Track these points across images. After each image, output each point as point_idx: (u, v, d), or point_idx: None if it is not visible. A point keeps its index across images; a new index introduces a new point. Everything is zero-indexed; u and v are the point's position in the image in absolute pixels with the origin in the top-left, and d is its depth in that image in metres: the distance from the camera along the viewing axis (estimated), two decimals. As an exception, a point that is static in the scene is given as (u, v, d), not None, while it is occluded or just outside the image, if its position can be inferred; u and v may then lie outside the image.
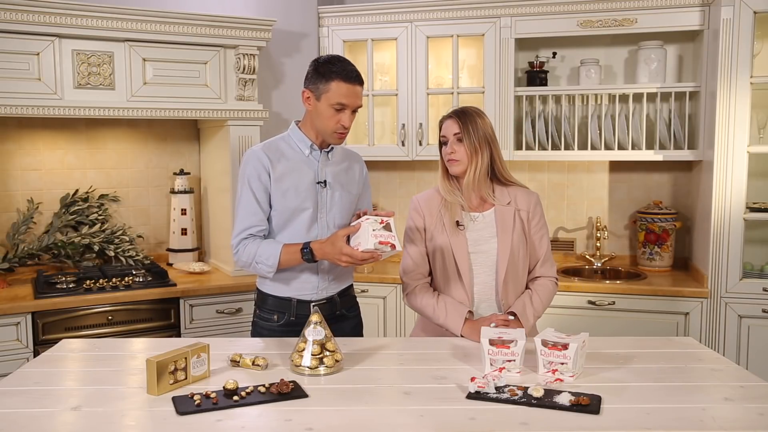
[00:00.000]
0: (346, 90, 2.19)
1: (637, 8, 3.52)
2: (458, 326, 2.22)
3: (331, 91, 2.19)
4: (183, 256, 3.81)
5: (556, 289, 2.38)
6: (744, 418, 1.61)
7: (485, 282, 2.27)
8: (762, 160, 3.44)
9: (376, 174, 4.31)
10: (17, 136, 3.56)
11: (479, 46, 3.84)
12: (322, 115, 2.23)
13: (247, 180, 2.26)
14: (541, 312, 2.29)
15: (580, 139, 3.74)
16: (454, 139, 2.24)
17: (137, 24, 3.24)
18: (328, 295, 2.36)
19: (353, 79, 2.21)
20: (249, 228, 2.25)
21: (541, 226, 2.33)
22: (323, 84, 2.20)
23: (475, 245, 2.27)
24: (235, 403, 1.67)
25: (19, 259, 3.46)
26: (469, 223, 2.29)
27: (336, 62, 2.22)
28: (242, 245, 2.25)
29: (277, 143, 2.32)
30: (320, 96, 2.21)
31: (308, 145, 2.30)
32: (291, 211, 2.27)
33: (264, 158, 2.25)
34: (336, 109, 2.20)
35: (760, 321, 3.26)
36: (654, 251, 3.75)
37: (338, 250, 2.12)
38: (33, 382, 1.86)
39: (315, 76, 2.22)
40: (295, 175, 2.28)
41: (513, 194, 2.31)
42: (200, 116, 3.47)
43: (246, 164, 2.28)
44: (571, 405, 1.64)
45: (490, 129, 2.26)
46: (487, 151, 2.25)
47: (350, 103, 2.21)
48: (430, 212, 2.32)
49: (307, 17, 3.95)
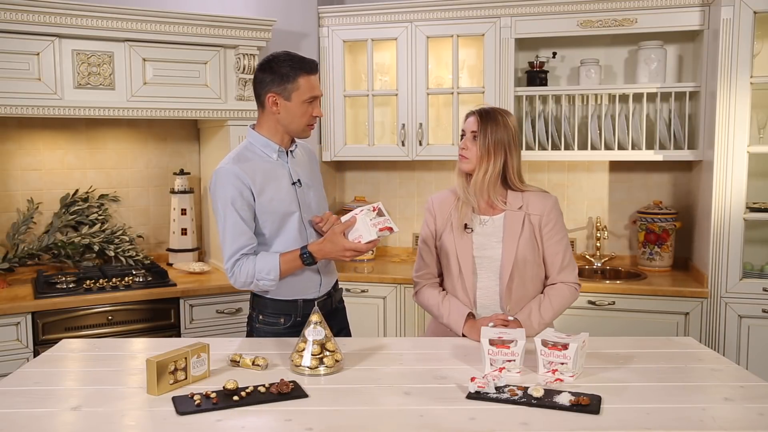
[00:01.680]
0: (314, 82, 2.24)
1: (637, 8, 3.52)
2: (459, 325, 2.22)
3: (300, 88, 2.20)
4: (183, 256, 3.81)
5: (576, 295, 2.29)
6: (744, 418, 1.61)
7: (488, 287, 2.26)
8: (762, 160, 3.44)
9: (376, 174, 4.32)
10: (17, 136, 3.56)
11: (479, 46, 3.84)
12: (294, 113, 2.23)
13: (230, 201, 2.19)
14: (550, 319, 2.23)
15: (580, 139, 3.74)
16: (470, 136, 2.23)
17: (137, 24, 3.24)
18: (326, 291, 2.39)
19: (314, 69, 2.24)
20: (241, 249, 2.22)
21: (556, 231, 2.27)
22: (290, 83, 2.20)
23: (480, 249, 2.26)
24: (235, 403, 1.67)
25: (19, 259, 3.46)
26: (477, 226, 2.27)
27: (294, 58, 2.23)
28: (237, 267, 2.22)
29: (245, 154, 2.27)
30: (290, 95, 2.21)
31: (275, 149, 2.29)
32: (281, 217, 2.26)
33: (241, 174, 2.20)
34: (308, 103, 2.23)
35: (760, 321, 3.25)
36: (654, 251, 3.75)
37: (340, 247, 2.16)
38: (33, 382, 1.86)
39: (278, 78, 2.21)
40: (274, 182, 2.26)
41: (526, 199, 2.26)
42: (200, 116, 3.47)
43: (224, 185, 2.20)
44: (571, 405, 1.64)
45: (510, 135, 2.21)
46: (501, 158, 2.21)
47: (319, 93, 2.26)
48: (441, 213, 2.33)
49: (307, 17, 3.95)
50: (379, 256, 4.21)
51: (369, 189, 4.33)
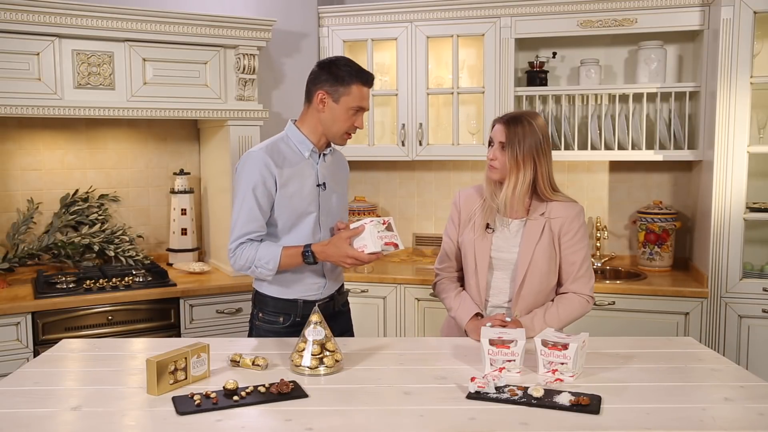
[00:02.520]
0: (365, 93, 2.26)
1: (637, 8, 3.52)
2: (464, 321, 2.23)
3: (351, 94, 2.22)
4: (183, 256, 3.81)
5: (588, 307, 2.25)
6: (744, 418, 1.61)
7: (501, 289, 2.27)
8: (762, 160, 3.44)
9: (376, 174, 4.31)
10: (17, 136, 3.56)
11: (479, 46, 3.84)
12: (338, 117, 2.24)
13: (252, 186, 2.21)
14: (555, 327, 2.17)
15: (580, 139, 3.74)
16: (498, 146, 2.19)
17: (137, 24, 3.24)
18: (330, 293, 2.39)
19: (370, 83, 2.27)
20: (249, 234, 2.24)
21: (576, 241, 2.23)
22: (343, 87, 2.22)
23: (498, 251, 2.25)
24: (235, 403, 1.67)
25: (19, 259, 3.46)
26: (499, 227, 2.26)
27: (353, 65, 2.25)
28: (240, 249, 2.24)
29: (278, 145, 2.30)
30: (339, 98, 2.23)
31: (309, 147, 2.30)
32: (298, 214, 2.27)
33: (270, 163, 2.22)
34: (354, 111, 2.24)
35: (760, 321, 3.25)
36: (654, 251, 3.75)
37: (343, 253, 2.17)
38: (33, 382, 1.86)
39: (332, 79, 2.22)
40: (299, 178, 2.28)
41: (550, 207, 2.23)
42: (200, 116, 3.47)
43: (250, 168, 2.23)
44: (571, 405, 1.64)
45: (539, 140, 2.15)
46: (531, 167, 2.16)
47: (367, 106, 2.28)
48: (466, 209, 2.33)
49: (307, 17, 3.95)
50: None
51: (369, 189, 4.33)
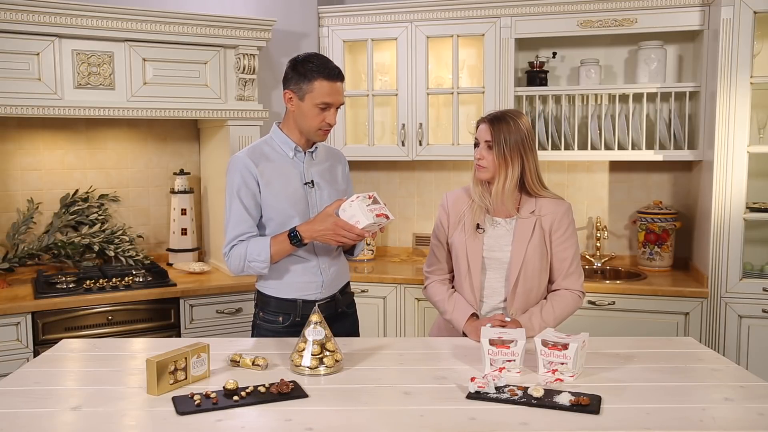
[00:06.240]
0: (330, 88, 2.20)
1: (637, 8, 3.52)
2: (461, 323, 2.23)
3: (314, 90, 2.19)
4: (183, 256, 3.81)
5: (580, 302, 2.29)
6: (744, 418, 1.61)
7: (495, 288, 2.27)
8: (762, 160, 3.44)
9: (376, 174, 4.32)
10: (17, 136, 3.56)
11: (479, 46, 3.84)
12: (306, 114, 2.23)
13: (236, 189, 2.24)
14: (552, 323, 2.21)
15: (580, 139, 3.74)
16: (484, 146, 2.20)
17: (137, 24, 3.24)
18: (330, 293, 2.37)
19: (335, 77, 2.21)
20: (240, 235, 2.25)
21: (566, 238, 2.25)
22: (306, 84, 2.19)
23: (490, 251, 2.25)
24: (235, 403, 1.67)
25: (19, 259, 3.46)
26: (489, 227, 2.27)
27: (316, 60, 2.21)
28: (232, 251, 2.26)
29: (261, 147, 2.31)
30: (303, 96, 2.21)
31: (292, 147, 2.30)
32: (287, 214, 2.27)
33: (250, 164, 2.24)
34: (321, 108, 2.21)
35: (760, 321, 3.25)
36: (654, 251, 3.75)
37: (331, 225, 2.13)
38: (33, 382, 1.86)
39: (296, 77, 2.21)
40: (283, 178, 2.28)
41: (539, 204, 2.25)
42: (200, 116, 3.47)
43: (232, 172, 2.26)
44: (571, 405, 1.64)
45: (524, 137, 2.17)
46: (519, 163, 2.18)
47: (334, 101, 2.22)
48: (455, 210, 2.32)
49: (307, 17, 3.95)
50: (379, 256, 4.21)
51: (369, 189, 4.31)
